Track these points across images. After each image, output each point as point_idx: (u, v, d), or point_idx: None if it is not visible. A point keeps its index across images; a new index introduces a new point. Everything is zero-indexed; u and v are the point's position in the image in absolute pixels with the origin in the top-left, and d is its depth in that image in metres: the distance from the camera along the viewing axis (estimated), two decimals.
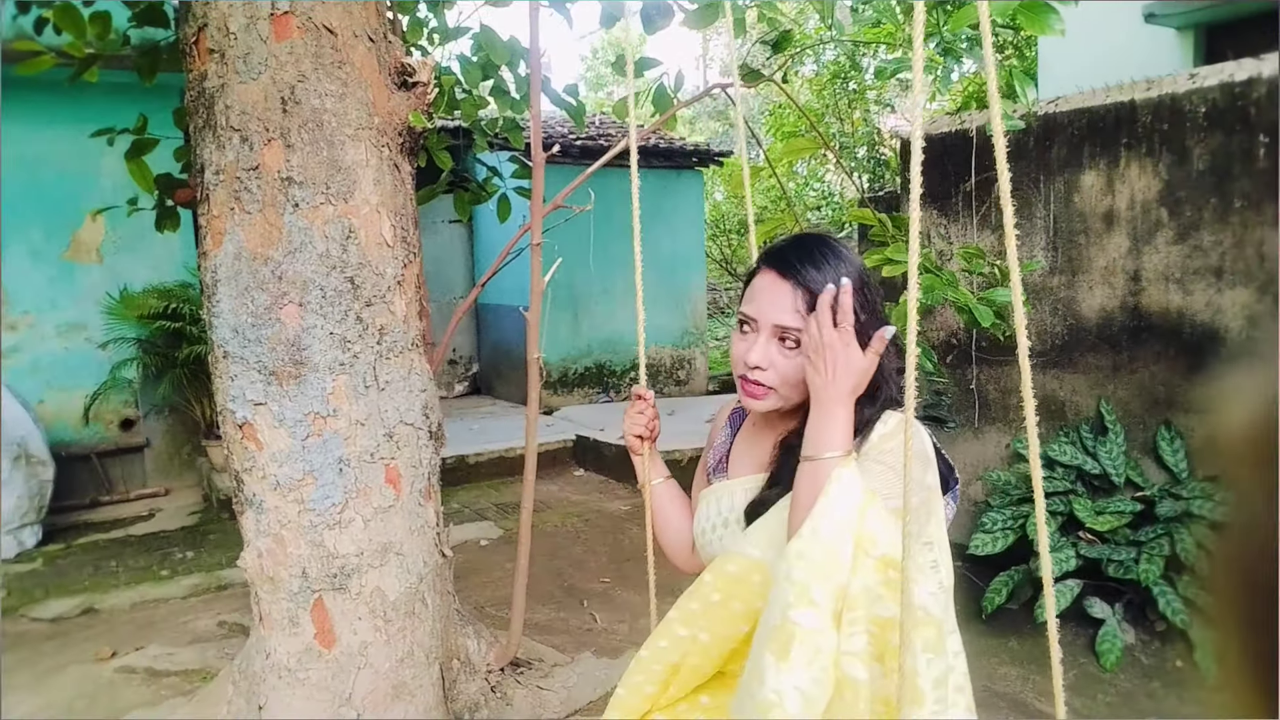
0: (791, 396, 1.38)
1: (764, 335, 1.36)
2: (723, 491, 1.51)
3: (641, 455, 1.68)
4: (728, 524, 1.47)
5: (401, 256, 2.38)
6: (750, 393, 1.39)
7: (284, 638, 2.39)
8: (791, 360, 1.35)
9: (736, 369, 1.40)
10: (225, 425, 2.32)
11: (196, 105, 2.27)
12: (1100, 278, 4.11)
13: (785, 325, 1.34)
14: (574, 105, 3.66)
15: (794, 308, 1.33)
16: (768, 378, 1.36)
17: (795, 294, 1.33)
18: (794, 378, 1.35)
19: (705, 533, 1.52)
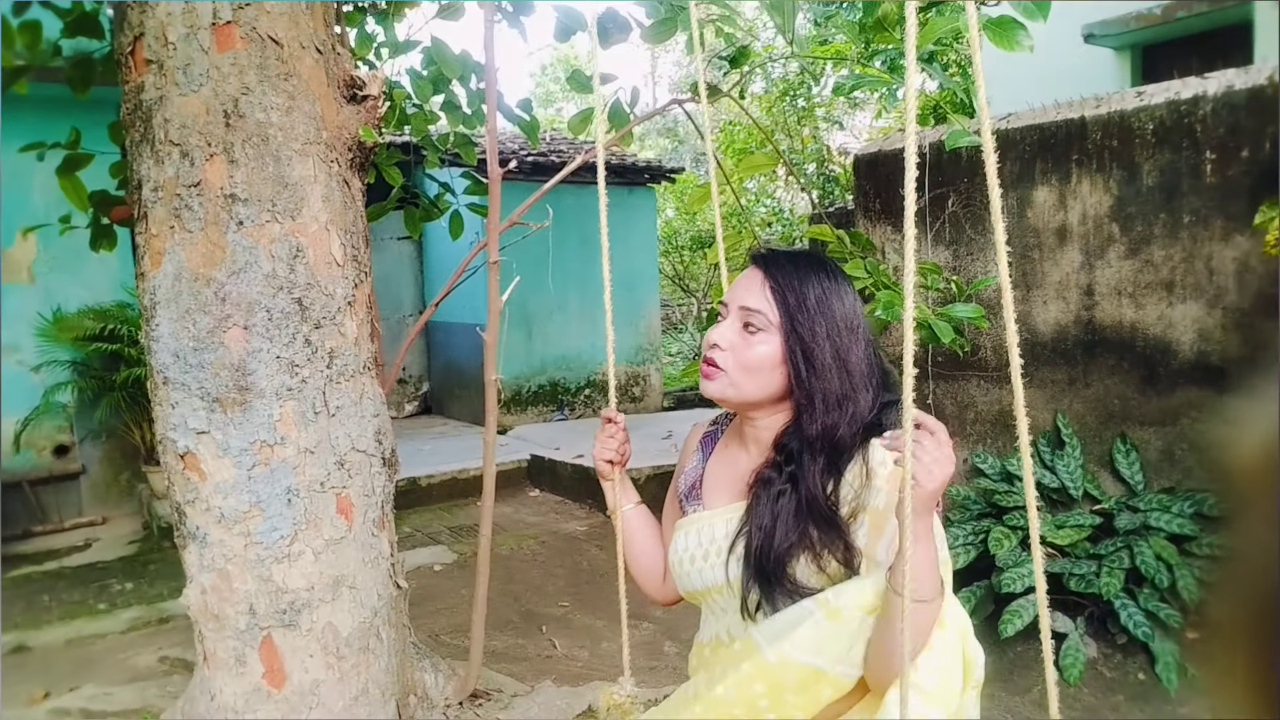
0: (745, 386, 1.34)
1: (730, 318, 1.37)
2: (701, 522, 1.46)
3: (612, 480, 1.63)
4: (708, 556, 1.42)
5: (352, 276, 2.28)
6: (704, 372, 1.37)
7: (230, 678, 2.26)
8: (751, 347, 1.33)
9: (702, 353, 1.40)
10: (165, 455, 2.20)
11: (133, 118, 2.16)
12: (1054, 292, 4.14)
13: (748, 306, 1.33)
14: (527, 121, 3.60)
15: (761, 294, 1.33)
16: (723, 358, 1.34)
17: (765, 283, 1.34)
18: (750, 364, 1.33)
19: (683, 563, 1.46)
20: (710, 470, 1.52)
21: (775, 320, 1.32)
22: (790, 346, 1.32)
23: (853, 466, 1.31)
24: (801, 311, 1.32)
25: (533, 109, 3.69)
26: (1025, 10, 1.72)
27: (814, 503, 1.30)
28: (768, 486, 1.34)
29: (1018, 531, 3.79)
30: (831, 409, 1.31)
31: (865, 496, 1.29)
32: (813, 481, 1.31)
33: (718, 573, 1.40)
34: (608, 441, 1.61)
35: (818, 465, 1.31)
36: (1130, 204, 3.87)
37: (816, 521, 1.29)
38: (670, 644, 4.01)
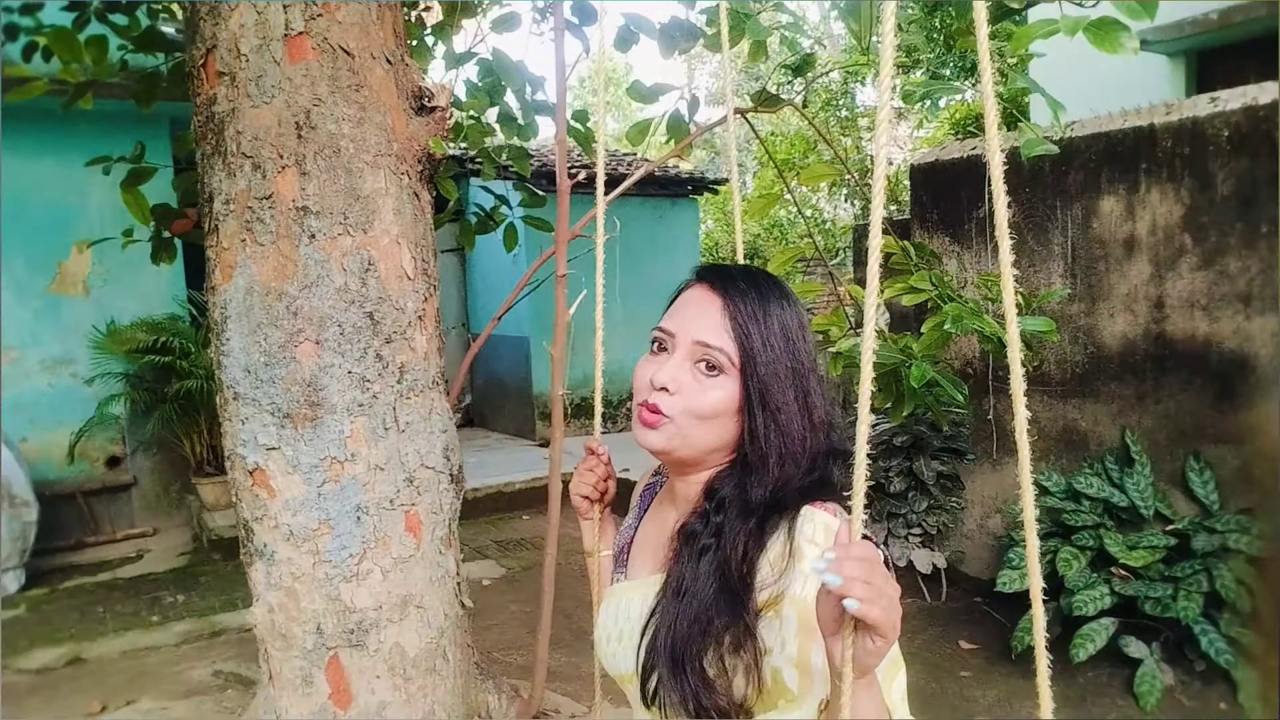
0: (694, 437, 1.09)
1: (679, 354, 1.10)
2: (620, 595, 1.23)
3: (591, 519, 1.40)
4: (621, 638, 1.19)
5: (422, 290, 2.25)
6: (646, 420, 1.09)
7: (296, 698, 2.22)
8: (706, 391, 1.08)
9: (637, 394, 1.12)
10: (234, 471, 2.17)
11: (205, 131, 2.14)
12: (1122, 305, 4.02)
13: (709, 343, 1.08)
14: (582, 132, 3.56)
15: (723, 327, 1.09)
16: (670, 404, 1.08)
17: (725, 314, 1.09)
18: (704, 410, 1.08)
19: (602, 644, 1.23)
20: (640, 532, 1.29)
21: (735, 360, 1.08)
22: (752, 392, 1.08)
23: (776, 539, 1.06)
24: (766, 350, 1.08)
25: (588, 120, 3.66)
26: (1130, 10, 1.64)
27: (728, 567, 1.06)
28: (691, 542, 1.11)
29: (1087, 552, 3.67)
30: (787, 465, 1.08)
31: (788, 583, 1.03)
32: (734, 542, 1.07)
33: (629, 659, 1.15)
34: (586, 475, 1.39)
35: (748, 525, 1.07)
36: (1203, 213, 3.75)
37: (726, 593, 1.05)
38: None
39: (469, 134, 3.59)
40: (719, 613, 1.04)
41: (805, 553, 1.03)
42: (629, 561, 1.27)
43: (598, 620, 1.27)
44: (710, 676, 1.04)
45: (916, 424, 4.48)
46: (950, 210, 4.71)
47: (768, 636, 1.03)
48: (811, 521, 1.05)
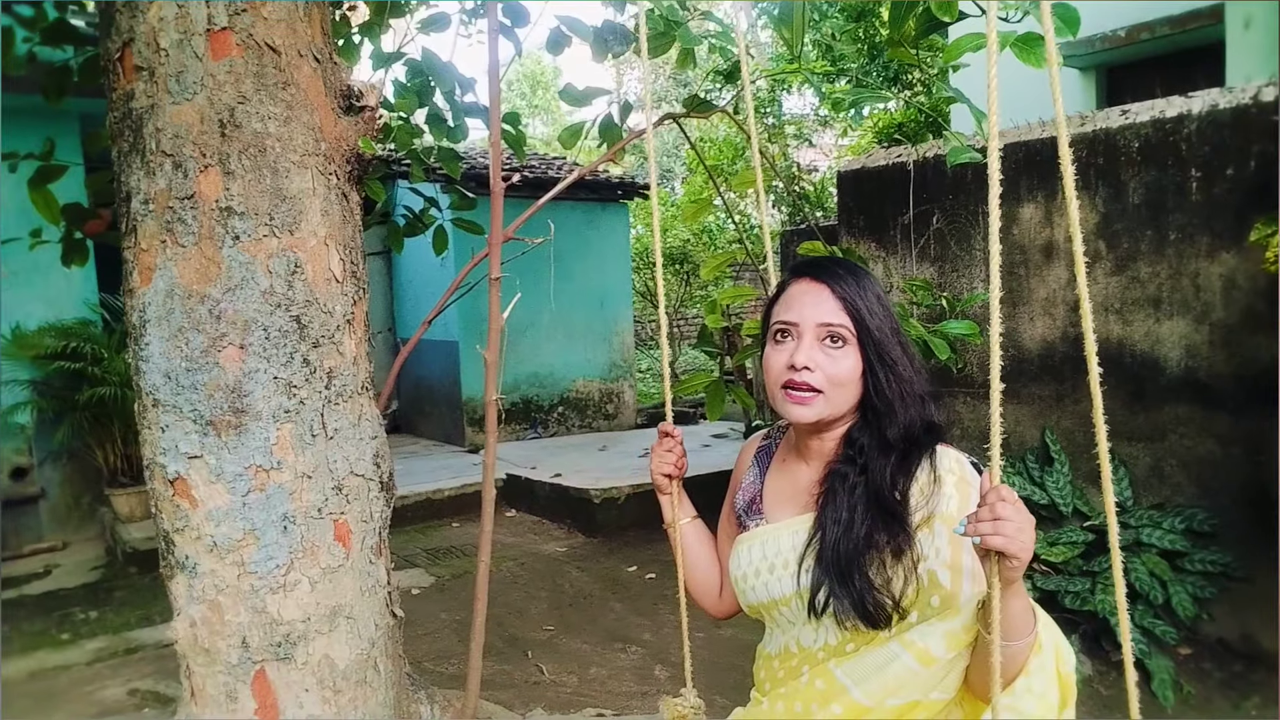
0: (838, 401, 1.34)
1: (807, 338, 1.34)
2: (766, 535, 1.45)
3: (669, 494, 1.64)
4: (773, 569, 1.42)
5: (351, 293, 2.19)
6: (797, 399, 1.33)
7: (220, 715, 2.14)
8: (838, 361, 1.33)
9: (777, 379, 1.36)
10: (154, 480, 2.09)
11: (121, 127, 2.06)
12: (1041, 309, 4.16)
13: (830, 322, 1.33)
14: (514, 134, 3.54)
15: (837, 307, 1.33)
16: (816, 379, 1.32)
17: (835, 296, 1.34)
18: (841, 378, 1.33)
19: (747, 577, 1.46)
20: (770, 485, 1.52)
21: (853, 331, 1.33)
22: (869, 355, 1.33)
23: (922, 470, 1.32)
24: (873, 317, 1.33)
25: (519, 123, 3.63)
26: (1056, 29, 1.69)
27: (881, 494, 1.31)
28: (843, 481, 1.35)
29: None
30: (911, 407, 1.33)
31: (936, 502, 1.29)
32: (882, 475, 1.31)
33: (785, 584, 1.40)
34: (666, 455, 1.60)
35: (889, 461, 1.32)
36: (1116, 221, 3.89)
37: (883, 514, 1.30)
38: (660, 668, 3.93)
39: (397, 135, 3.52)
40: (879, 529, 1.29)
41: (945, 480, 1.30)
42: (764, 509, 1.49)
43: (735, 562, 1.48)
44: (874, 581, 1.28)
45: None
46: (876, 216, 4.80)
47: (925, 546, 1.29)
48: (946, 455, 1.33)
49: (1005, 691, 1.18)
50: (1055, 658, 1.24)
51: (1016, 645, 1.17)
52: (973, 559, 1.24)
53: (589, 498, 6.15)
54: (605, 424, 9.42)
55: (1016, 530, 1.08)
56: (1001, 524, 1.07)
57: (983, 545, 1.09)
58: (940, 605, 1.29)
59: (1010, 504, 1.08)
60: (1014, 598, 1.14)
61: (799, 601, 1.38)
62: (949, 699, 1.29)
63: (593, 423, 9.38)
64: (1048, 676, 1.22)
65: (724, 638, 4.06)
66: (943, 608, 1.29)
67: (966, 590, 1.28)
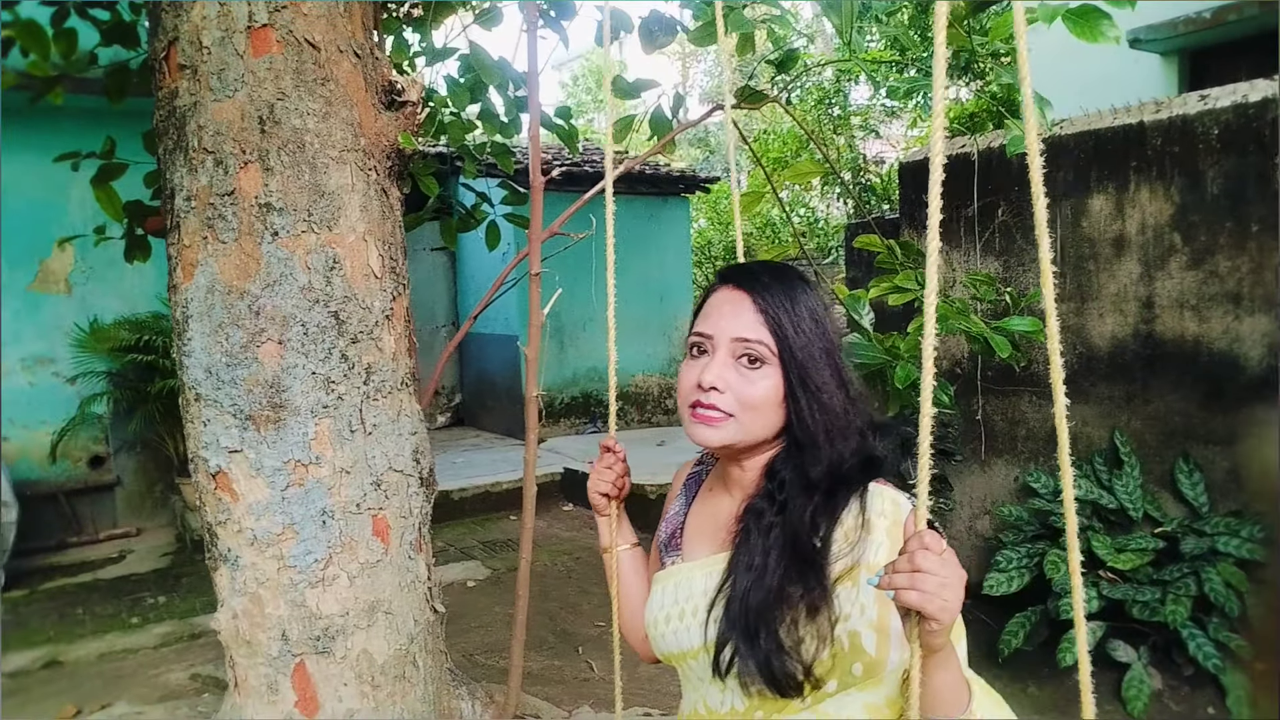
0: (751, 427, 1.16)
1: (721, 353, 1.17)
2: (680, 575, 1.28)
3: (607, 516, 1.47)
4: (684, 616, 1.24)
5: (390, 289, 2.20)
6: (703, 418, 1.16)
7: (262, 705, 2.17)
8: (753, 383, 1.16)
9: (686, 398, 1.19)
10: (198, 474, 2.12)
11: (166, 125, 2.09)
12: (1111, 305, 3.98)
13: (747, 338, 1.16)
14: (565, 129, 3.51)
15: (757, 321, 1.16)
16: (725, 401, 1.15)
17: (756, 309, 1.17)
18: (755, 402, 1.15)
19: (658, 623, 1.28)
20: (692, 517, 1.35)
21: (774, 349, 1.16)
22: (793, 378, 1.16)
23: (849, 513, 1.14)
24: (799, 335, 1.16)
25: (571, 117, 3.60)
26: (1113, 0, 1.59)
27: (798, 538, 1.14)
28: (758, 519, 1.18)
29: None
30: (837, 441, 1.16)
31: (862, 550, 1.12)
32: (800, 516, 1.15)
33: (694, 635, 1.22)
34: (604, 473, 1.45)
35: (812, 501, 1.15)
36: (1193, 212, 3.70)
37: (799, 563, 1.12)
38: None
39: (450, 130, 3.53)
40: (793, 581, 1.12)
41: (875, 525, 1.12)
42: (683, 545, 1.32)
43: (649, 604, 1.32)
44: (784, 642, 1.11)
45: (903, 425, 4.43)
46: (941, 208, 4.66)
47: (846, 603, 1.11)
48: (880, 496, 1.15)
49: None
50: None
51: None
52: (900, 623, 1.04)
53: (645, 493, 6.11)
54: (664, 419, 9.38)
55: (938, 586, 0.91)
56: (920, 577, 0.91)
57: (896, 600, 0.93)
58: (863, 674, 1.11)
59: (934, 554, 0.92)
60: (939, 669, 0.97)
61: (705, 655, 1.20)
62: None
63: (652, 417, 9.35)
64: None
65: None
66: (866, 676, 1.11)
67: (894, 658, 1.10)
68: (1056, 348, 1.02)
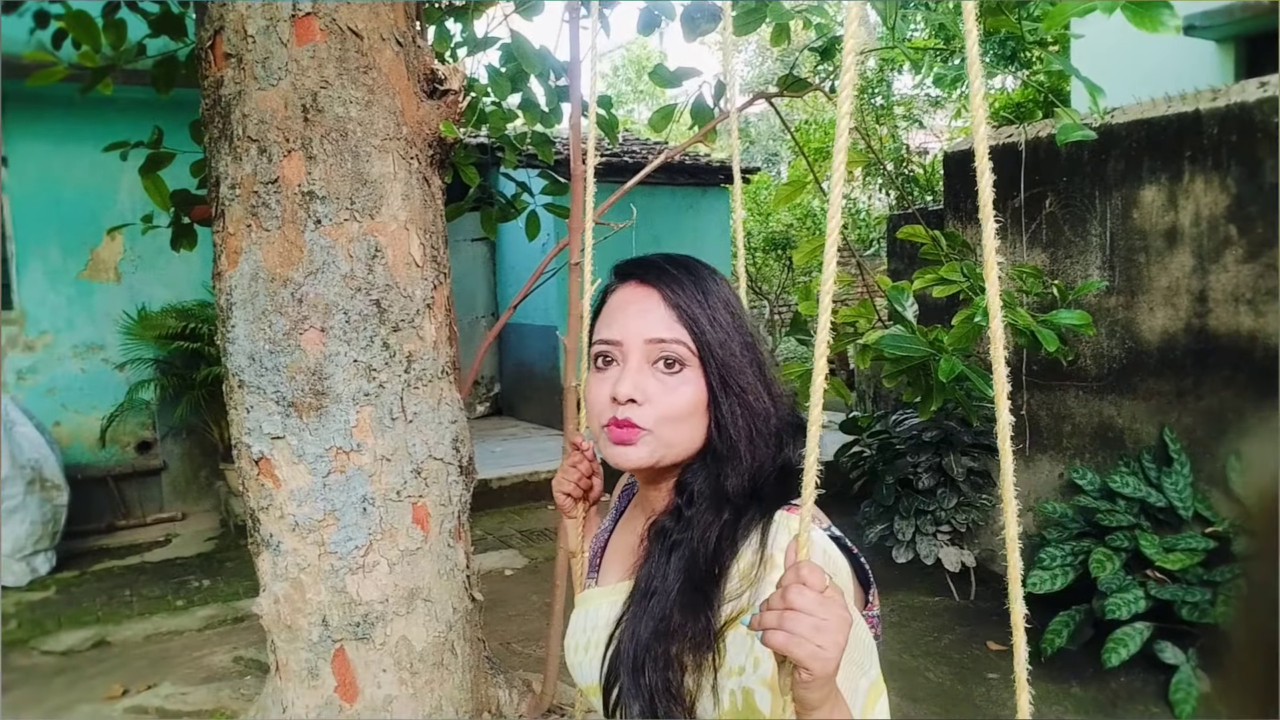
0: (672, 441, 1.02)
1: (633, 360, 1.02)
2: (590, 602, 1.16)
3: (574, 518, 1.32)
4: (589, 647, 1.11)
5: (431, 277, 2.20)
6: (620, 438, 1.01)
7: (302, 690, 2.20)
8: (674, 390, 1.01)
9: (600, 417, 1.04)
10: (240, 460, 2.15)
11: (212, 114, 2.11)
12: (1162, 298, 3.88)
13: (663, 338, 1.01)
14: (606, 118, 3.49)
15: (670, 318, 1.02)
16: (642, 415, 1.00)
17: (667, 304, 1.02)
18: (679, 411, 1.01)
19: (572, 651, 1.15)
20: (615, 537, 1.22)
21: (693, 348, 1.02)
22: (714, 379, 1.02)
23: (749, 545, 0.99)
24: (717, 330, 1.02)
25: (611, 106, 3.59)
26: None
27: (694, 562, 0.99)
28: (662, 539, 1.04)
29: (1122, 553, 3.56)
30: (758, 447, 1.02)
31: (759, 591, 0.96)
32: (705, 535, 1.00)
33: (594, 669, 1.07)
34: (569, 471, 1.30)
35: (720, 519, 1.01)
36: (1251, 203, 3.60)
37: (691, 591, 0.98)
38: None
39: (491, 120, 3.53)
40: (679, 609, 0.97)
41: (776, 562, 0.95)
42: (600, 567, 1.20)
43: (568, 630, 1.19)
44: (672, 685, 0.96)
45: (946, 419, 4.37)
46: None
47: (738, 654, 0.96)
48: (786, 529, 0.98)
49: None
50: None
51: None
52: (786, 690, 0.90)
53: None
54: None
55: (811, 629, 0.79)
56: (790, 617, 0.79)
57: (763, 642, 0.82)
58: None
59: (811, 590, 0.80)
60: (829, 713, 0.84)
61: (599, 696, 1.07)
62: None
63: None
64: None
65: None
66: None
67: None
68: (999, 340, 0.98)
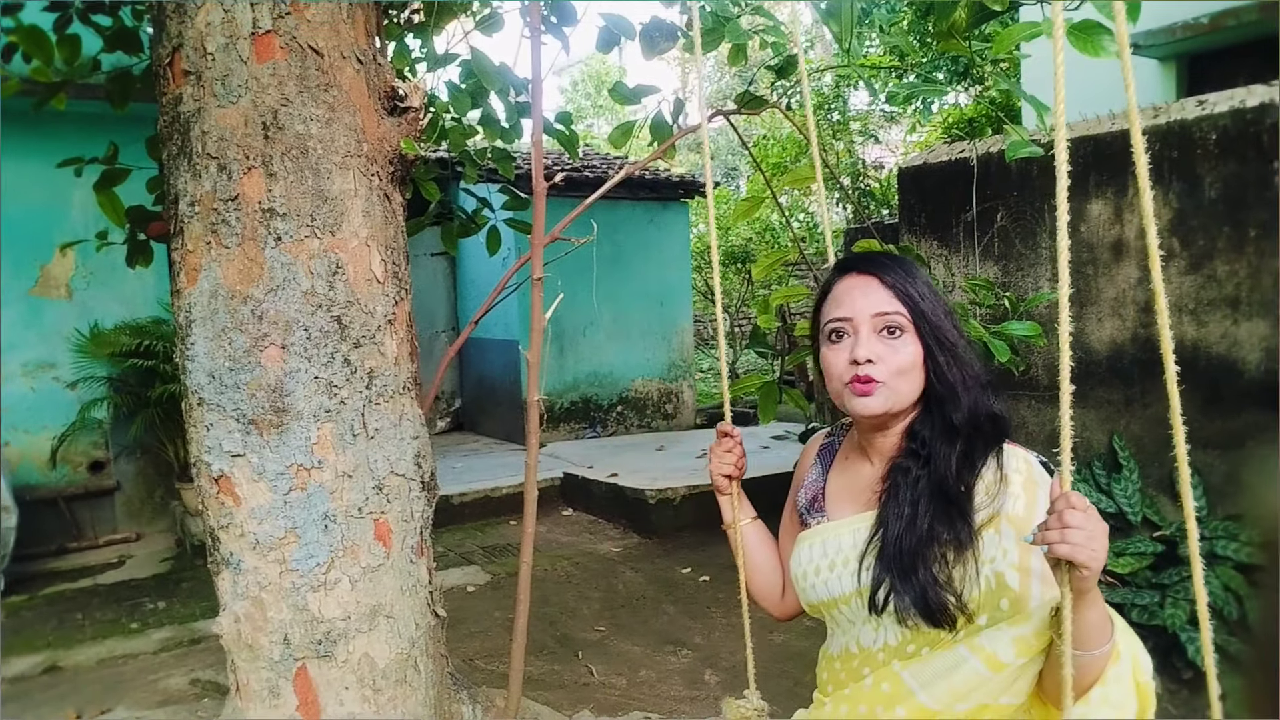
0: (902, 390, 1.32)
1: (864, 330, 1.33)
2: (827, 533, 1.44)
3: (729, 495, 1.63)
4: (834, 567, 1.41)
5: (392, 293, 2.20)
6: (862, 391, 1.31)
7: (264, 709, 2.18)
8: (898, 350, 1.31)
9: (841, 377, 1.34)
10: (200, 478, 2.13)
11: (170, 131, 2.10)
12: (1110, 309, 4.00)
13: (885, 311, 1.32)
14: (566, 134, 3.52)
15: (889, 296, 1.33)
16: (878, 371, 1.31)
17: (885, 286, 1.33)
18: (904, 366, 1.31)
19: (808, 575, 1.44)
20: (832, 482, 1.51)
21: (909, 318, 1.32)
22: (927, 340, 1.32)
23: (988, 468, 1.29)
24: (925, 301, 1.32)
25: (572, 122, 3.62)
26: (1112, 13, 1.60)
27: (944, 485, 1.28)
28: (905, 475, 1.33)
29: None
30: (972, 391, 1.32)
31: (1002, 502, 1.27)
32: (946, 465, 1.29)
33: (846, 582, 1.38)
34: (725, 456, 1.59)
35: (954, 450, 1.30)
36: (1192, 217, 3.72)
37: (946, 506, 1.27)
38: (710, 672, 3.88)
39: (451, 136, 3.54)
40: (941, 522, 1.27)
41: (1012, 479, 1.28)
42: (826, 507, 1.48)
43: (796, 560, 1.47)
44: (938, 577, 1.25)
45: None
46: (938, 213, 4.68)
47: (990, 547, 1.26)
48: (1014, 455, 1.31)
49: (1080, 701, 1.15)
50: (1133, 667, 1.19)
51: (1092, 655, 1.13)
52: (1042, 562, 1.21)
53: (644, 498, 6.12)
54: (664, 424, 9.39)
55: (1086, 538, 1.04)
56: (1070, 532, 1.04)
57: (1050, 554, 1.07)
58: (1010, 609, 1.25)
59: (1079, 511, 1.05)
60: (1088, 607, 1.11)
61: (859, 600, 1.36)
62: (1019, 703, 1.26)
63: (651, 422, 9.36)
64: (1125, 687, 1.18)
65: (775, 643, 4.00)
66: (1012, 611, 1.25)
67: (1036, 594, 1.24)
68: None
